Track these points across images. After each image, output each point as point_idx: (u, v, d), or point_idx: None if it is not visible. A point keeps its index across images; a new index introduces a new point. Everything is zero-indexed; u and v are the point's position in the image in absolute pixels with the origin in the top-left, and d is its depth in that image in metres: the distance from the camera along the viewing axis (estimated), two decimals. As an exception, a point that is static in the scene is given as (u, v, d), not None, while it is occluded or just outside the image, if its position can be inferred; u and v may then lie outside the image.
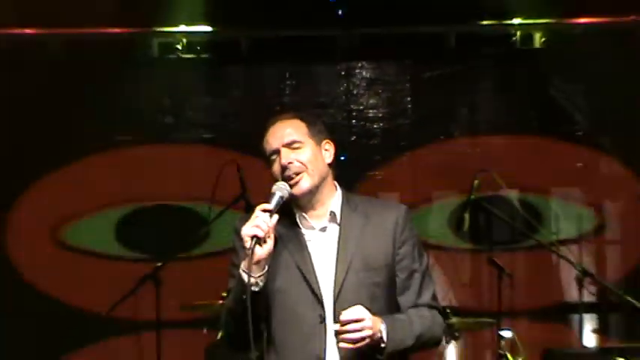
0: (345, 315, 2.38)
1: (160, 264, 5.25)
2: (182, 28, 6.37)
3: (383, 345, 2.43)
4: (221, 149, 6.29)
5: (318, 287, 2.51)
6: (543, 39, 6.37)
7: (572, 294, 5.84)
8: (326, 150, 2.66)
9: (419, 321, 2.56)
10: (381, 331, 2.42)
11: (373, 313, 2.42)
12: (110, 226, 6.51)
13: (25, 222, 6.44)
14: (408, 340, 2.51)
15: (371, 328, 2.38)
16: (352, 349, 2.39)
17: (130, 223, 6.51)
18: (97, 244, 6.50)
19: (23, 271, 6.38)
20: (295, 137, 2.59)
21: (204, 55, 6.38)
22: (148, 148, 6.56)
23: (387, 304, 2.57)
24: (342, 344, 2.40)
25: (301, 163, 2.56)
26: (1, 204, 6.41)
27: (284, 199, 2.50)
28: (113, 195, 6.46)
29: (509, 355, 4.45)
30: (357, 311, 2.39)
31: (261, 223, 2.40)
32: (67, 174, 6.43)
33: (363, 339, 2.38)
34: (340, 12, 6.21)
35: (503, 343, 4.49)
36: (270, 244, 2.43)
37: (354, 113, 6.48)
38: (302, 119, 2.68)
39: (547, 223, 6.40)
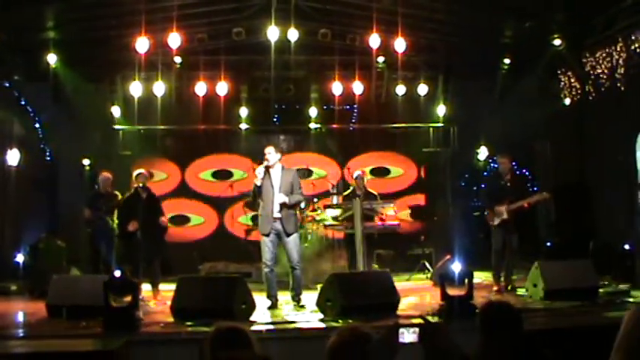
0: (281, 195, 9.53)
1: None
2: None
3: (287, 202, 9.56)
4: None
5: (272, 184, 9.60)
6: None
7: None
8: (278, 154, 9.71)
9: (297, 197, 9.78)
10: (287, 199, 9.61)
11: (289, 192, 9.60)
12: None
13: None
14: (292, 201, 9.67)
15: (286, 198, 9.57)
16: (280, 203, 9.52)
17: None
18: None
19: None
20: (269, 151, 9.70)
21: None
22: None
23: (290, 189, 9.65)
24: (280, 201, 9.52)
25: (270, 160, 9.64)
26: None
27: (267, 166, 9.60)
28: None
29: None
30: (282, 195, 9.57)
31: (259, 170, 9.57)
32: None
33: (284, 201, 9.53)
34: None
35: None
36: (262, 174, 9.54)
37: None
38: (272, 145, 9.90)
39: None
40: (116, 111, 15.33)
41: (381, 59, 15.06)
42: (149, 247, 10.73)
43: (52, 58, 13.64)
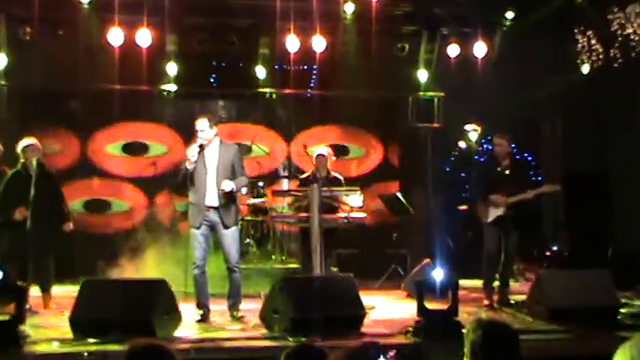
0: (226, 183, 9.72)
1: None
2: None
3: (234, 189, 9.88)
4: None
5: (206, 165, 9.81)
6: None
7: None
8: (214, 128, 9.91)
9: (243, 180, 10.15)
10: (234, 186, 9.85)
11: (229, 179, 9.78)
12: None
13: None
14: (238, 187, 10.04)
15: (232, 185, 9.79)
16: (224, 192, 9.76)
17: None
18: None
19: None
20: (203, 127, 9.84)
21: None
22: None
23: (230, 170, 9.90)
24: (227, 189, 9.73)
25: (204, 136, 9.83)
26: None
27: (202, 145, 9.81)
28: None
29: None
30: (228, 182, 9.75)
31: (193, 150, 9.74)
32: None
33: (231, 189, 9.77)
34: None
35: None
36: (195, 156, 9.67)
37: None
38: (207, 118, 9.99)
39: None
40: (1, 61, 14.77)
41: (349, 8, 14.92)
42: (41, 240, 10.68)
43: None
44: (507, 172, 11.34)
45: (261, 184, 14.51)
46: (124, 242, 14.02)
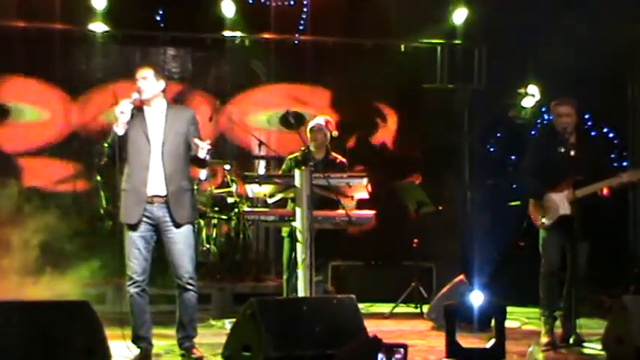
0: (201, 143, 9.06)
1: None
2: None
3: (208, 158, 9.38)
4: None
5: (148, 134, 9.09)
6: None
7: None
8: (160, 81, 9.24)
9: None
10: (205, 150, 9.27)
11: (181, 151, 9.26)
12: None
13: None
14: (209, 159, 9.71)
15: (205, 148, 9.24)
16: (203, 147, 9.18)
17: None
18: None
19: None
20: (146, 74, 9.20)
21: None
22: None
23: (183, 145, 9.17)
24: (202, 155, 9.15)
25: (145, 91, 9.12)
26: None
27: (138, 98, 9.08)
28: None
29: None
30: (203, 142, 9.14)
31: (124, 105, 8.92)
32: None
33: (205, 156, 9.22)
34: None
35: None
36: (128, 115, 8.90)
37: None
38: (152, 69, 9.36)
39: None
40: None
41: None
42: None
43: None
44: (573, 153, 10.57)
45: (227, 167, 14.25)
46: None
